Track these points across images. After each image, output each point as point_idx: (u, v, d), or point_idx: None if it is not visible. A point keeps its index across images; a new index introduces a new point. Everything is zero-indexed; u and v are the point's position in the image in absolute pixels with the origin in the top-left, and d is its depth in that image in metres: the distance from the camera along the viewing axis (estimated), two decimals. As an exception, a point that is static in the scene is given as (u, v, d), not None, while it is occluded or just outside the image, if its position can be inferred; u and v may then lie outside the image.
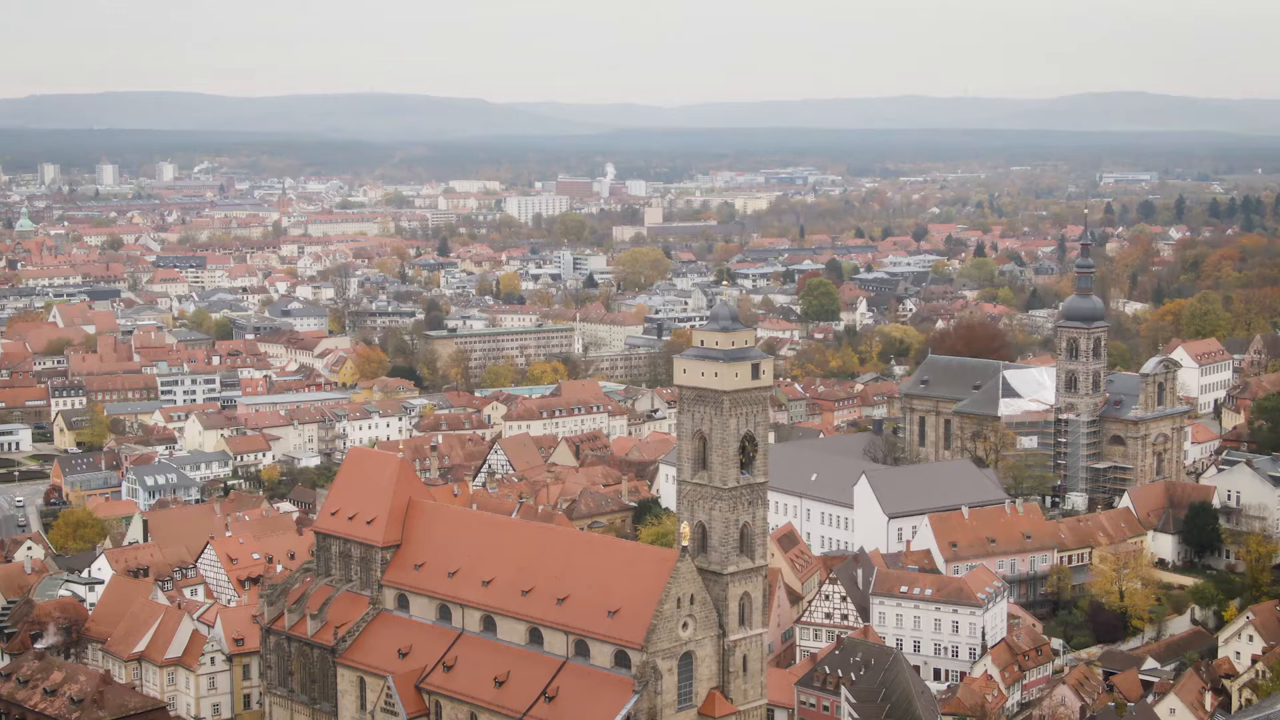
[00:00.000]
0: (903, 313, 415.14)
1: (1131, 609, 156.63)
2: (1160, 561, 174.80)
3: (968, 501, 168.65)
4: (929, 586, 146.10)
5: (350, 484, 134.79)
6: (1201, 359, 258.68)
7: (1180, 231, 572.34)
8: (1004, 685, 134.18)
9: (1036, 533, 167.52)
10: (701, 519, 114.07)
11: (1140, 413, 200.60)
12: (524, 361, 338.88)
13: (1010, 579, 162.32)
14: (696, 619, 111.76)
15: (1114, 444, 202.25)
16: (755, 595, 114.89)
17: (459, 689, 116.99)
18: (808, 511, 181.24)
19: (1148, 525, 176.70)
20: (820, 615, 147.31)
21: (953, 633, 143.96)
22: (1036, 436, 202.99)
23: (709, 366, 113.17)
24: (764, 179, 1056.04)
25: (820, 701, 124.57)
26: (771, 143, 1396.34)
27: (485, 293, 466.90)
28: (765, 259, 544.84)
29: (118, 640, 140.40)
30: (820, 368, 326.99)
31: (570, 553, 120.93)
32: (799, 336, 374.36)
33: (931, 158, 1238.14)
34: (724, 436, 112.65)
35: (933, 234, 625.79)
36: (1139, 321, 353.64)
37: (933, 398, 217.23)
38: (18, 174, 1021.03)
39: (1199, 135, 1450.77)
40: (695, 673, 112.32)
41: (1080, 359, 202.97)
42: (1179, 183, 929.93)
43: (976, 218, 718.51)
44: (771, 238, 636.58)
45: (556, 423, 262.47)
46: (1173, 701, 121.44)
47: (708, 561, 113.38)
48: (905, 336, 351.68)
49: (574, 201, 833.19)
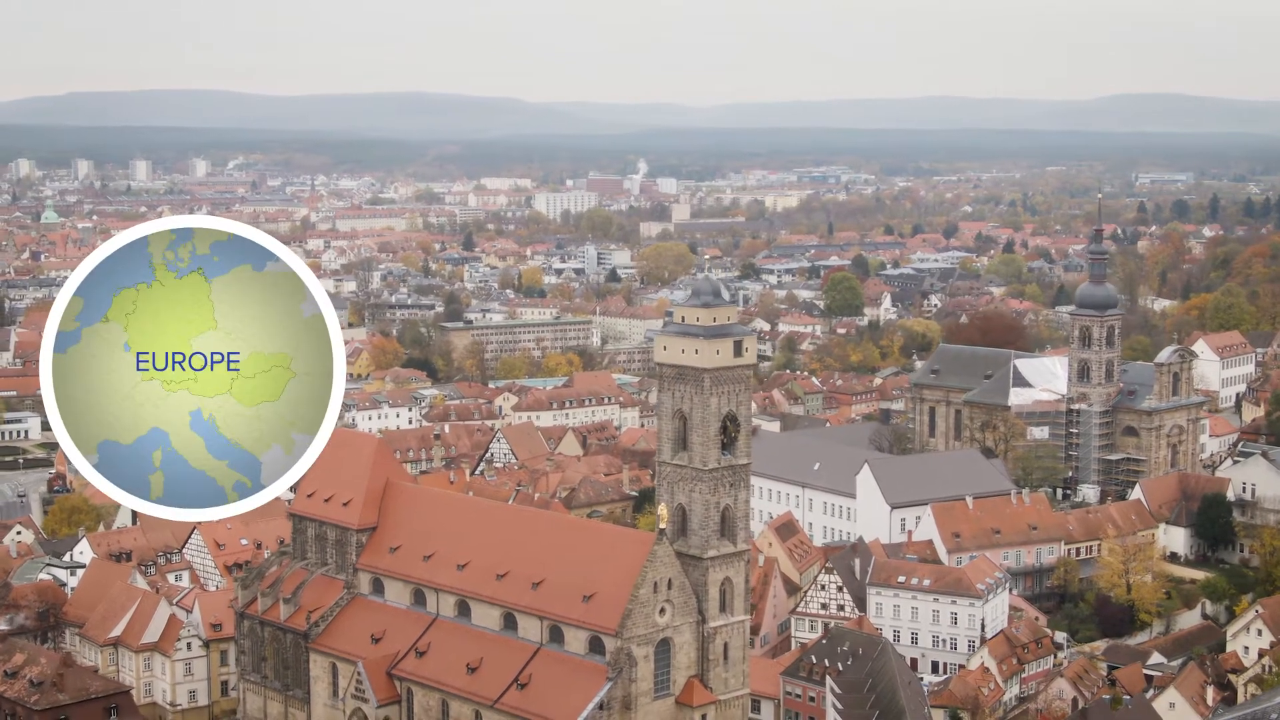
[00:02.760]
0: (927, 308, 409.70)
1: (1139, 603, 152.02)
2: (1172, 555, 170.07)
3: (974, 492, 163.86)
4: (927, 577, 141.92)
5: (328, 465, 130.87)
6: (1223, 352, 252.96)
7: (1213, 230, 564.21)
8: (1001, 678, 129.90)
9: (1043, 524, 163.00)
10: (681, 501, 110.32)
11: (1154, 403, 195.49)
12: (540, 354, 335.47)
13: (1015, 571, 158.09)
14: (674, 604, 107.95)
15: (1127, 435, 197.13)
16: (737, 581, 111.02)
17: (431, 676, 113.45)
18: (810, 501, 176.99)
19: (1159, 518, 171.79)
20: (816, 605, 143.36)
21: (951, 624, 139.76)
22: (1048, 427, 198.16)
23: (689, 343, 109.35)
24: (796, 177, 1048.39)
25: (806, 692, 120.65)
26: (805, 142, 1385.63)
27: (508, 286, 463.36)
28: (791, 255, 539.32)
29: (94, 624, 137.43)
30: (840, 362, 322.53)
31: (548, 536, 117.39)
32: (821, 331, 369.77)
33: (967, 157, 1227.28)
34: (704, 416, 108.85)
35: (963, 231, 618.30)
36: (1165, 317, 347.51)
37: (943, 387, 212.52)
38: (52, 169, 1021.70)
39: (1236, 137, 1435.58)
40: (673, 660, 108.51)
41: (1093, 348, 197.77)
42: (1215, 183, 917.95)
43: (1009, 216, 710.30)
44: (800, 234, 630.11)
45: (567, 413, 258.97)
46: (1172, 695, 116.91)
47: (687, 545, 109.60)
48: (928, 331, 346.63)
49: (603, 198, 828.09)
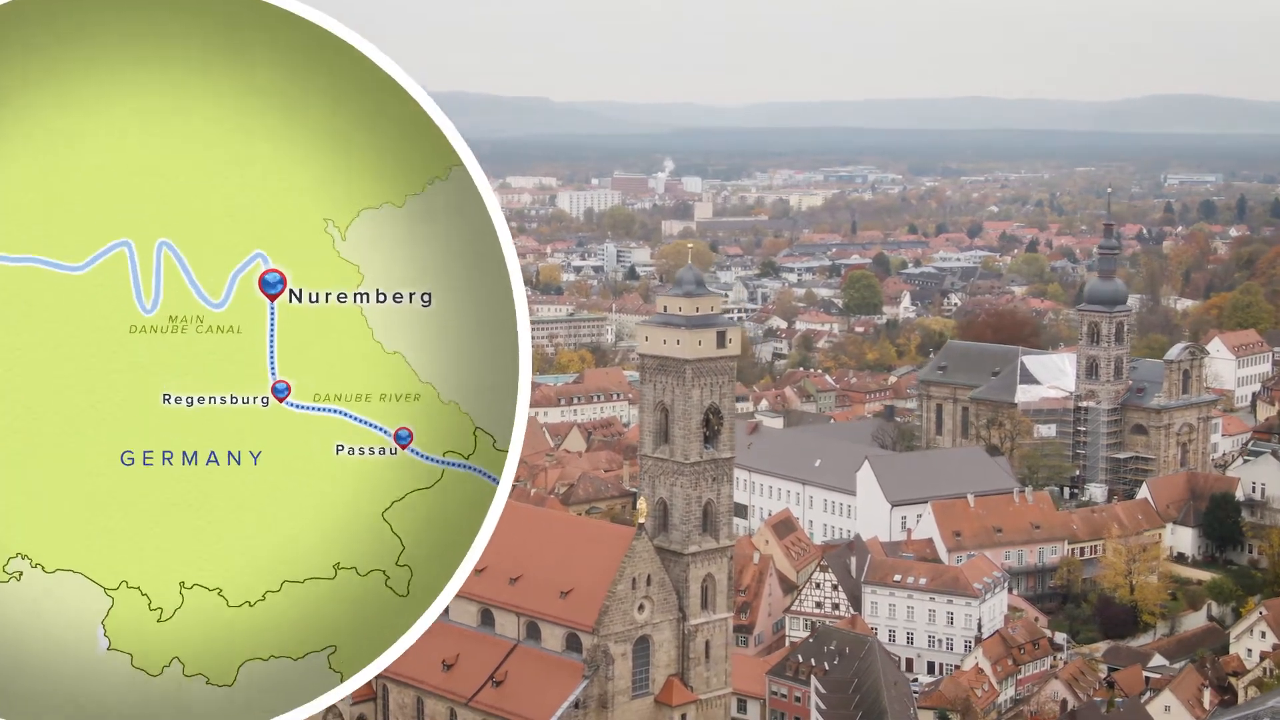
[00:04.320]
0: (947, 307, 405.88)
1: (1142, 604, 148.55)
2: (1179, 555, 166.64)
3: (976, 490, 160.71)
4: (923, 575, 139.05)
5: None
6: (1239, 350, 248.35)
7: (1240, 231, 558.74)
8: (995, 679, 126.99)
9: (1046, 523, 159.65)
10: (663, 495, 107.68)
11: (1163, 401, 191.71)
12: (553, 350, 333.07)
13: (1017, 571, 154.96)
14: (654, 601, 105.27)
15: (1136, 433, 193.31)
16: (720, 578, 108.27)
17: (406, 672, 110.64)
18: (810, 498, 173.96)
19: (1166, 517, 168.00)
20: (811, 604, 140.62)
21: (947, 624, 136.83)
22: (1055, 425, 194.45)
23: (670, 334, 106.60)
24: (823, 177, 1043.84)
25: (792, 692, 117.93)
26: (833, 141, 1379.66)
27: (525, 284, 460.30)
28: (812, 253, 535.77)
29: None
30: (855, 360, 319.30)
31: (527, 531, 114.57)
32: (838, 330, 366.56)
33: (995, 158, 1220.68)
34: (686, 408, 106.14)
35: (988, 231, 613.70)
36: (1185, 316, 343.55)
37: (950, 384, 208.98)
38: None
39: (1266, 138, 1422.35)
40: (652, 658, 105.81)
41: (1102, 344, 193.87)
42: (1244, 184, 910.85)
43: (1035, 216, 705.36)
44: (823, 233, 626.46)
45: (575, 409, 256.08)
46: (1168, 698, 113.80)
47: (668, 541, 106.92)
48: (945, 330, 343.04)
49: (627, 197, 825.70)
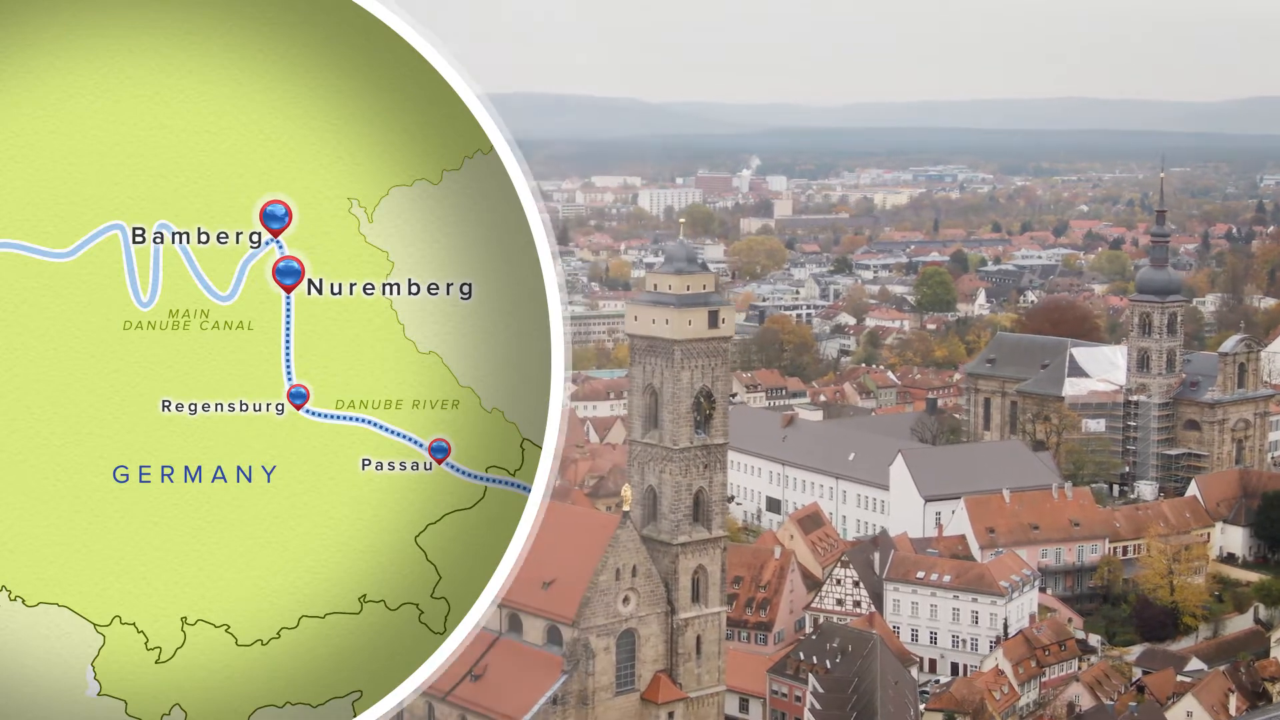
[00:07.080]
0: (1023, 304, 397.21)
1: (1182, 605, 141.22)
2: (1229, 556, 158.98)
3: (1014, 485, 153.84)
4: (947, 573, 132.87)
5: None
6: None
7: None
8: (1016, 681, 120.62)
9: (1086, 520, 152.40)
10: (652, 483, 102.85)
11: (1217, 395, 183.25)
12: (611, 344, 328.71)
13: (1055, 569, 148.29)
14: (640, 593, 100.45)
15: (1189, 429, 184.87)
16: (712, 570, 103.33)
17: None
18: (844, 493, 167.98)
19: (1216, 516, 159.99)
20: (831, 601, 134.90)
21: (972, 623, 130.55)
22: (1104, 419, 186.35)
23: (660, 313, 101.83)
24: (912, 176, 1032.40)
25: (793, 691, 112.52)
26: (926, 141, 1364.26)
27: (595, 279, 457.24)
28: (890, 251, 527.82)
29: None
30: (922, 357, 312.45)
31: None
32: (909, 327, 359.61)
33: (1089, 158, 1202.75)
34: (675, 391, 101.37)
35: (1073, 230, 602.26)
36: (1266, 315, 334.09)
37: (999, 377, 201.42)
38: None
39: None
40: (638, 654, 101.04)
41: (1154, 336, 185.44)
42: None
43: (1125, 215, 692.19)
44: (905, 231, 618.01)
45: (624, 403, 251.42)
46: (1190, 703, 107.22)
47: (657, 530, 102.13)
48: (1017, 327, 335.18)
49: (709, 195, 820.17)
